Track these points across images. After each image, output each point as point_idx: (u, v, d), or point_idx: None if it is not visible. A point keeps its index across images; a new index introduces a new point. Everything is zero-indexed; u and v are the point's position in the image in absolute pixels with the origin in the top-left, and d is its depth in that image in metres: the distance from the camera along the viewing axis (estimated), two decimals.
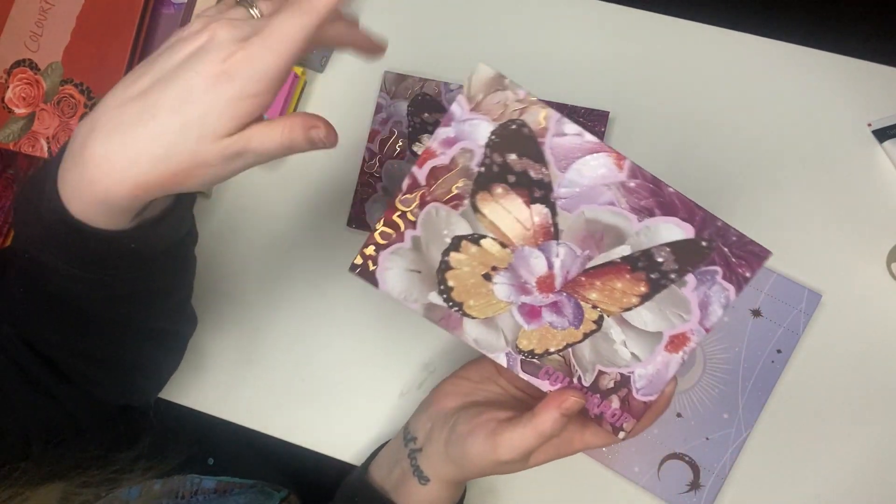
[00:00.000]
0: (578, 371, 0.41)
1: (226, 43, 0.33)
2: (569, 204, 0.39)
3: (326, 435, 0.61)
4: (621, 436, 0.42)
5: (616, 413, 0.42)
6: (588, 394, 0.42)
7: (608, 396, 0.42)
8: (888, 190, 0.58)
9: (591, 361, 0.41)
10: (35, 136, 0.57)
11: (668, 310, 0.40)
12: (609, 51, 0.63)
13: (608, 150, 0.38)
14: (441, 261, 0.40)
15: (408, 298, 0.41)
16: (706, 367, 0.57)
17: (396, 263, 0.41)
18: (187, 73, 0.33)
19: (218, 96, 0.33)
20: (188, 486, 0.51)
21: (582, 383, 0.42)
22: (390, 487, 0.48)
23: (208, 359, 0.63)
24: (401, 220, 0.40)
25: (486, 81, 0.38)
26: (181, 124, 0.33)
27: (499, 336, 0.41)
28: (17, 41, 0.58)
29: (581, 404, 0.40)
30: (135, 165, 0.34)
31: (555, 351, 0.41)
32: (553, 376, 0.42)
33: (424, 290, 0.41)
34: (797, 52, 0.61)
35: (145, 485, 0.47)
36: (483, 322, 0.41)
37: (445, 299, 0.41)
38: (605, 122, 0.60)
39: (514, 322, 0.41)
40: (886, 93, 0.59)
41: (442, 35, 0.66)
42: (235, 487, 0.53)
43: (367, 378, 0.61)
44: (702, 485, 0.55)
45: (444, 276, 0.41)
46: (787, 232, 0.59)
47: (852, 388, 0.56)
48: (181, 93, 0.33)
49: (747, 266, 0.39)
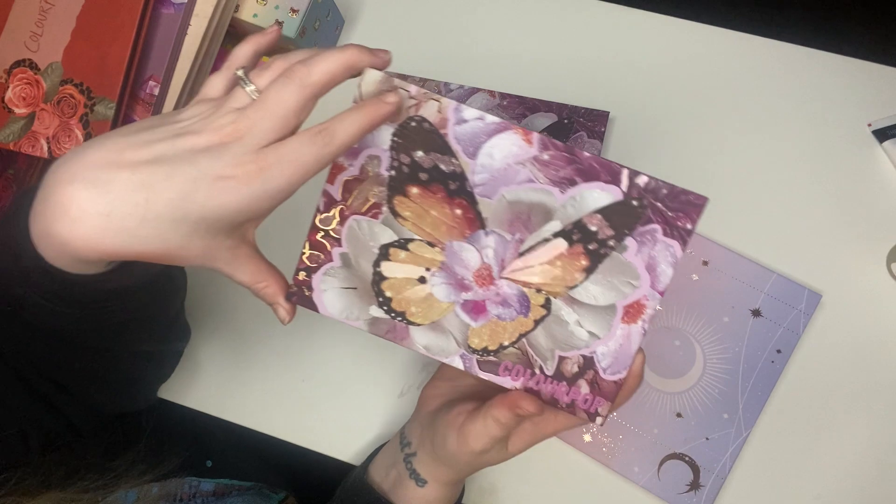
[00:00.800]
0: (538, 361, 0.40)
1: (240, 152, 0.32)
2: (487, 190, 0.38)
3: (325, 435, 0.61)
4: (598, 421, 0.40)
5: (587, 398, 0.40)
6: (553, 382, 0.40)
7: (575, 382, 0.40)
8: (888, 190, 0.58)
9: (548, 348, 0.40)
10: (35, 136, 0.57)
11: (616, 279, 0.38)
12: (609, 51, 0.63)
13: (513, 127, 0.37)
14: (373, 273, 0.39)
15: (349, 317, 0.40)
16: (706, 367, 0.57)
17: (330, 284, 0.40)
18: (195, 169, 0.32)
19: (222, 204, 0.32)
20: (186, 488, 0.51)
21: (545, 373, 0.40)
22: (388, 488, 0.48)
23: (207, 359, 0.63)
24: (325, 240, 0.39)
25: (375, 85, 0.37)
26: (175, 219, 0.32)
27: (448, 339, 0.40)
28: (17, 41, 0.58)
29: (537, 415, 0.39)
30: (113, 236, 0.32)
31: (509, 344, 0.40)
32: (513, 370, 0.40)
33: (364, 305, 0.40)
34: (797, 52, 0.61)
35: (143, 488, 0.47)
36: (429, 327, 0.40)
37: (387, 311, 0.40)
38: (605, 122, 0.60)
39: (461, 321, 0.40)
40: (886, 93, 0.59)
41: (442, 35, 0.66)
42: (234, 490, 0.53)
43: (366, 378, 0.61)
44: (702, 485, 0.55)
45: (380, 288, 0.40)
46: (787, 232, 0.59)
47: (852, 387, 0.56)
48: (185, 188, 0.32)
49: (686, 217, 0.37)
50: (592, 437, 0.57)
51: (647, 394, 0.57)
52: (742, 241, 0.58)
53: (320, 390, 0.61)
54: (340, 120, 0.34)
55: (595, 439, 0.57)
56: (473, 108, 0.37)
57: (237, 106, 0.34)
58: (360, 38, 0.67)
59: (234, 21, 0.59)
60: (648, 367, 0.57)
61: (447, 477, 0.46)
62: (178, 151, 0.32)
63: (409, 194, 0.38)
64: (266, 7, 0.58)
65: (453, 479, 0.47)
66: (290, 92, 0.33)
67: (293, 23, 0.57)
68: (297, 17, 0.58)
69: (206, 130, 0.33)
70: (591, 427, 0.57)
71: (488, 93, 0.62)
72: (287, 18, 0.58)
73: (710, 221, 0.59)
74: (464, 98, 0.63)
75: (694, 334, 0.57)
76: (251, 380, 0.62)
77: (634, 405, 0.57)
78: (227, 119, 0.33)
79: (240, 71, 0.35)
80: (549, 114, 0.61)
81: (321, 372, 0.62)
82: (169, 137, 0.33)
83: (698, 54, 0.62)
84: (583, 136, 0.60)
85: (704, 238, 0.58)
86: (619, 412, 0.57)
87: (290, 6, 0.58)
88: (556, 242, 0.38)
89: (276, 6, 0.58)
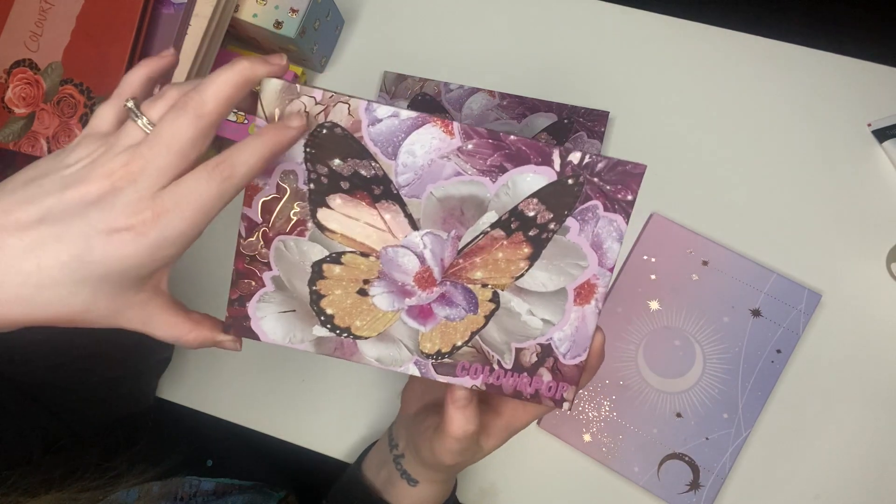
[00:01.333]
0: (495, 356, 0.39)
1: (133, 199, 0.29)
2: (414, 190, 0.36)
3: (325, 435, 0.61)
4: (566, 406, 0.39)
5: (551, 385, 0.39)
6: (514, 375, 0.39)
7: (536, 371, 0.39)
8: (888, 190, 0.58)
9: (503, 342, 0.39)
10: (35, 136, 0.57)
11: (562, 262, 0.37)
12: (609, 51, 0.63)
13: (432, 119, 0.36)
14: (310, 292, 0.38)
15: (293, 340, 0.39)
16: (706, 367, 0.57)
17: (267, 310, 0.38)
18: (87, 224, 0.29)
19: (122, 258, 0.29)
20: (187, 487, 0.51)
21: (503, 367, 0.39)
22: (381, 486, 0.49)
23: (208, 359, 0.63)
24: (252, 265, 0.38)
25: (276, 94, 0.35)
26: (74, 281, 0.29)
27: (399, 348, 0.39)
28: (17, 41, 0.58)
29: (466, 392, 0.39)
30: (9, 307, 0.29)
31: (462, 343, 0.39)
32: (471, 369, 0.39)
33: (306, 326, 0.38)
34: (797, 52, 0.61)
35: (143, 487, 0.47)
36: (378, 339, 0.39)
37: (331, 328, 0.38)
38: (605, 122, 0.60)
39: (410, 328, 0.38)
40: (886, 93, 0.59)
41: (442, 35, 0.66)
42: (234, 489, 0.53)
43: (365, 378, 0.61)
44: (702, 485, 0.55)
45: (319, 307, 0.38)
46: (787, 232, 0.59)
47: (852, 387, 0.56)
48: (78, 246, 0.29)
49: (625, 189, 0.36)
50: (592, 437, 0.57)
51: (647, 394, 0.57)
52: (742, 241, 0.58)
53: (320, 390, 0.61)
54: (239, 151, 0.31)
55: (595, 439, 0.57)
56: (387, 106, 0.35)
57: (129, 143, 0.31)
58: (359, 38, 0.67)
59: (234, 21, 0.59)
60: (648, 367, 0.57)
61: (436, 477, 0.47)
62: (67, 206, 0.29)
63: (332, 205, 0.37)
64: (266, 7, 0.58)
65: (444, 479, 0.47)
66: (184, 123, 0.30)
67: (293, 23, 0.57)
68: (297, 17, 0.58)
69: (94, 177, 0.30)
70: (591, 427, 0.57)
71: (488, 93, 0.62)
72: (287, 18, 0.58)
73: (710, 221, 0.59)
74: (464, 98, 0.63)
75: (694, 334, 0.57)
76: (251, 380, 0.62)
77: (634, 405, 0.57)
78: (119, 161, 0.30)
79: (130, 102, 0.32)
80: (549, 114, 0.61)
81: (321, 372, 0.62)
82: (57, 190, 0.30)
83: (698, 54, 0.62)
84: (583, 136, 0.60)
85: (704, 238, 0.58)
86: (619, 412, 0.57)
87: (290, 6, 0.58)
88: (495, 234, 0.37)
89: (276, 6, 0.58)
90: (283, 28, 0.58)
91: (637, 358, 0.58)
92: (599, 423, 0.57)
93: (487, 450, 0.43)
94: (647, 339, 0.58)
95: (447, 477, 0.47)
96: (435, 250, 0.37)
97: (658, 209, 0.60)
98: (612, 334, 0.58)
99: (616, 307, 0.59)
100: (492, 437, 0.43)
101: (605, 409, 0.57)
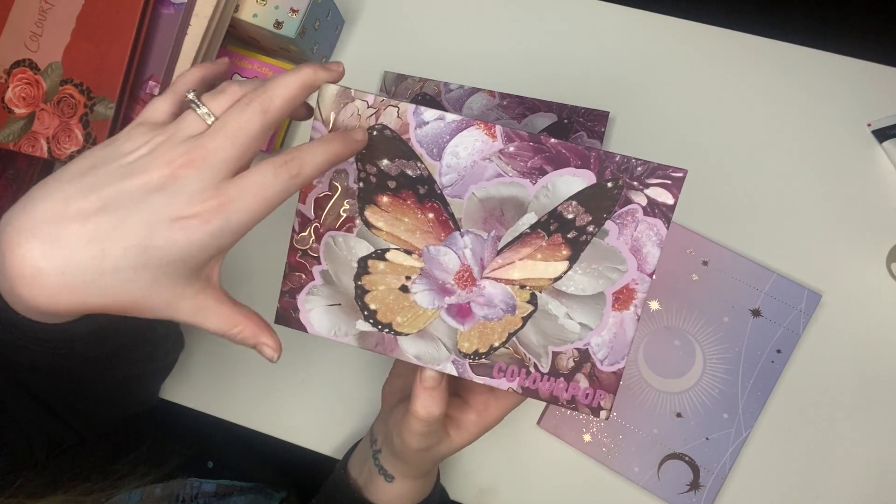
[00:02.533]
0: (532, 359, 0.39)
1: (198, 188, 0.30)
2: (457, 190, 0.37)
3: (326, 435, 0.61)
4: (603, 416, 0.39)
5: (588, 393, 0.39)
6: (550, 379, 0.39)
7: (573, 377, 0.38)
8: (888, 190, 0.58)
9: (540, 345, 0.38)
10: (35, 136, 0.57)
11: (600, 266, 0.37)
12: (609, 51, 0.63)
13: (475, 123, 0.37)
14: (355, 287, 0.39)
15: (337, 333, 0.40)
16: (706, 367, 0.57)
17: (315, 303, 0.40)
18: (149, 212, 0.29)
19: (184, 246, 0.30)
20: (188, 489, 0.51)
21: (540, 371, 0.39)
22: (363, 484, 0.49)
23: (208, 360, 0.63)
24: (304, 259, 0.39)
25: (333, 99, 0.37)
26: (135, 266, 0.30)
27: (438, 346, 0.39)
28: (17, 41, 0.58)
29: (435, 374, 0.39)
30: (70, 293, 0.30)
31: (500, 344, 0.39)
32: (507, 371, 0.39)
33: (350, 320, 0.40)
34: (797, 52, 0.61)
35: (146, 489, 0.47)
36: (418, 336, 0.39)
37: (373, 324, 0.39)
38: (605, 122, 0.60)
39: (448, 327, 0.39)
40: (886, 93, 0.59)
41: (441, 35, 0.66)
42: (235, 490, 0.53)
43: (365, 378, 0.61)
44: (702, 485, 0.55)
45: (363, 302, 0.39)
46: (787, 232, 0.59)
47: (852, 387, 0.56)
48: (141, 233, 0.29)
49: (667, 192, 0.36)
50: (592, 437, 0.57)
51: (647, 394, 0.57)
52: (742, 241, 0.58)
53: (320, 390, 0.61)
54: (311, 152, 0.32)
55: (595, 439, 0.57)
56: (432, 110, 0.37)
57: (190, 133, 0.31)
58: (359, 38, 0.67)
59: (234, 21, 0.59)
60: (648, 367, 0.57)
61: (410, 472, 0.47)
62: (129, 193, 0.30)
63: (379, 204, 0.38)
64: (266, 7, 0.58)
65: (416, 474, 0.48)
66: (251, 117, 0.31)
67: (293, 23, 0.57)
68: (297, 17, 0.58)
69: (156, 165, 0.30)
70: (591, 427, 0.57)
71: (488, 93, 0.62)
72: (287, 18, 0.58)
73: (710, 221, 0.59)
74: (464, 98, 0.63)
75: (694, 334, 0.57)
76: (251, 380, 0.62)
77: (634, 405, 0.57)
78: (180, 150, 0.30)
79: (191, 94, 0.32)
80: (549, 114, 0.61)
81: (321, 372, 0.62)
82: (117, 178, 0.30)
83: (698, 54, 0.62)
84: (583, 136, 0.60)
85: (704, 238, 0.58)
86: (619, 412, 0.57)
87: (290, 6, 0.58)
88: (534, 235, 0.37)
89: (276, 6, 0.58)
90: (283, 28, 0.58)
91: (637, 358, 0.58)
92: (599, 423, 0.57)
93: (459, 443, 0.43)
94: (647, 339, 0.58)
95: (419, 471, 0.47)
96: (475, 250, 0.38)
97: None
98: None
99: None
100: (463, 431, 0.43)
101: None
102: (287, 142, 0.64)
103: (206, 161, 0.30)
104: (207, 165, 0.30)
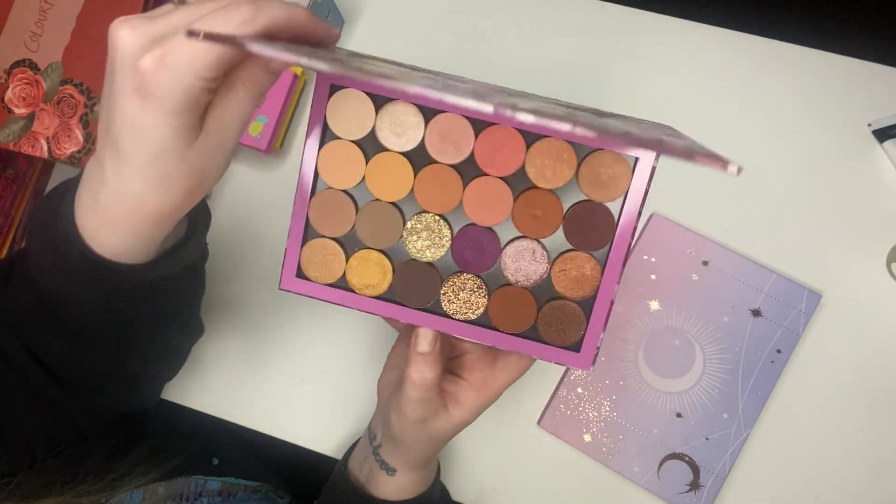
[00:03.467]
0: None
1: (130, 53, 0.29)
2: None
3: (326, 435, 0.61)
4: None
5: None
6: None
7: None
8: (888, 190, 0.58)
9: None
10: (35, 136, 0.57)
11: None
12: (609, 51, 0.63)
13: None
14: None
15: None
16: (706, 367, 0.57)
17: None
18: (115, 99, 0.30)
19: (157, 119, 0.29)
20: (192, 487, 0.51)
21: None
22: (364, 481, 0.50)
23: (210, 360, 0.63)
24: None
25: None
26: (148, 157, 0.31)
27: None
28: (17, 41, 0.58)
29: (430, 337, 0.40)
30: (152, 197, 0.32)
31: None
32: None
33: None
34: (797, 52, 0.61)
35: (149, 488, 0.47)
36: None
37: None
38: None
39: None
40: (886, 93, 0.59)
41: (441, 35, 0.66)
42: (240, 490, 0.53)
43: (366, 378, 0.61)
44: (702, 485, 0.55)
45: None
46: (787, 232, 0.59)
47: (852, 387, 0.56)
48: (124, 125, 0.30)
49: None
50: (592, 437, 0.57)
51: (647, 394, 0.57)
52: (742, 241, 0.58)
53: (321, 391, 0.61)
54: (272, 4, 0.30)
55: (595, 439, 0.57)
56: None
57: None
58: (360, 37, 0.67)
59: None
60: (649, 367, 0.57)
61: (412, 460, 0.47)
62: (108, 88, 0.32)
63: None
64: None
65: (418, 462, 0.48)
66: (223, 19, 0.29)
67: None
68: None
69: (111, 52, 0.31)
70: (591, 427, 0.57)
71: None
72: None
73: (710, 221, 0.59)
74: None
75: (694, 334, 0.57)
76: (252, 381, 0.62)
77: (634, 405, 0.57)
78: (120, 27, 0.31)
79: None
80: None
81: (322, 373, 0.62)
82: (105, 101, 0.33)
83: (698, 54, 0.62)
84: None
85: (704, 238, 0.58)
86: (619, 412, 0.57)
87: None
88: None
89: None
90: None
91: (637, 358, 0.58)
92: (599, 423, 0.57)
93: (458, 419, 0.44)
94: (647, 339, 0.58)
95: (419, 458, 0.47)
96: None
97: (658, 209, 0.60)
98: (613, 334, 0.58)
99: (616, 307, 0.59)
100: (462, 407, 0.43)
101: (605, 409, 0.57)
102: (287, 142, 0.64)
103: (141, 25, 0.30)
104: (140, 28, 0.30)
